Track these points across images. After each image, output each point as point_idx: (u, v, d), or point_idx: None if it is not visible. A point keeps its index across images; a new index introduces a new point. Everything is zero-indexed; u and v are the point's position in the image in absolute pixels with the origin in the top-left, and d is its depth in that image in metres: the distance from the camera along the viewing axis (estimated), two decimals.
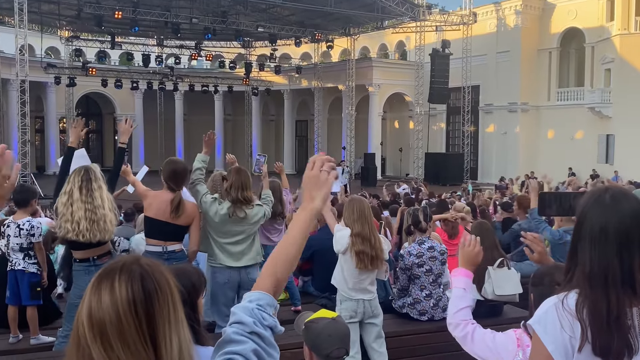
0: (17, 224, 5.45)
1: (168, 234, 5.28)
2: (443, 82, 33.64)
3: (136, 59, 38.22)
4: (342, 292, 5.07)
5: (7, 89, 32.24)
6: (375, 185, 32.27)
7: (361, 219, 4.94)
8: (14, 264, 5.49)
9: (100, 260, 4.83)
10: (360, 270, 4.91)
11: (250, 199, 5.37)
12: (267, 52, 39.45)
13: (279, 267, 1.71)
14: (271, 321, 1.57)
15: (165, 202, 5.25)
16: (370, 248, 4.88)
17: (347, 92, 38.46)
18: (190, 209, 5.35)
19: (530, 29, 34.90)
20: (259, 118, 45.66)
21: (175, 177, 5.33)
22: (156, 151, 43.60)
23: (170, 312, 1.34)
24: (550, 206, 2.99)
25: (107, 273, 1.35)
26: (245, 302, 1.61)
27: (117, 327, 1.28)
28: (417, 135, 36.25)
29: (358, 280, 4.97)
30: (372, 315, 5.05)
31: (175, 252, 5.29)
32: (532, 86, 35.18)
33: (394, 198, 14.49)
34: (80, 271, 4.86)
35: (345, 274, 5.01)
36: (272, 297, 1.64)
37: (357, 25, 37.59)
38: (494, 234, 6.09)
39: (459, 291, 2.80)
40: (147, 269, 1.36)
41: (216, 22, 31.70)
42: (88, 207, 4.58)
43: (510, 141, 35.40)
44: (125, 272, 1.33)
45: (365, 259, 4.87)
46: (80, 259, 4.85)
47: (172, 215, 5.21)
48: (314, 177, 1.82)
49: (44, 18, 32.37)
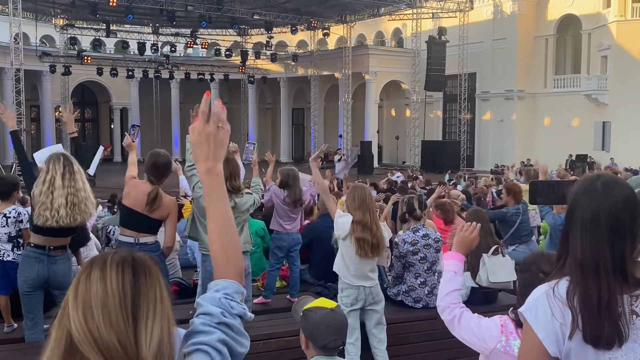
0: (3, 214, 5.39)
1: (141, 226, 5.20)
2: (439, 69, 33.57)
3: (132, 47, 37.99)
4: (344, 278, 5.08)
5: (2, 78, 32.09)
6: (372, 173, 32.24)
7: (362, 207, 4.94)
8: (2, 255, 5.44)
9: (55, 252, 4.75)
10: (361, 257, 4.92)
11: (238, 187, 5.28)
12: (263, 40, 39.28)
13: (226, 247, 1.65)
14: (239, 309, 1.54)
15: (143, 193, 5.16)
16: (371, 236, 4.89)
17: (343, 80, 38.38)
18: (167, 203, 5.26)
19: (526, 15, 34.81)
20: (255, 106, 45.57)
21: (155, 170, 5.23)
22: (152, 139, 43.50)
23: (157, 297, 1.34)
24: (542, 194, 2.98)
25: (99, 258, 1.37)
26: (212, 292, 1.57)
27: (102, 298, 1.29)
28: (414, 123, 36.21)
29: (359, 266, 4.98)
30: (374, 301, 5.07)
31: (147, 244, 5.19)
32: (528, 73, 35.14)
33: (391, 186, 14.48)
34: (31, 257, 4.73)
35: (346, 260, 5.02)
36: (237, 284, 1.60)
37: (353, 12, 37.41)
38: (488, 222, 6.09)
39: (449, 274, 2.82)
40: (137, 258, 1.37)
41: (212, 10, 31.51)
42: (70, 190, 4.51)
43: (507, 129, 35.41)
44: (116, 259, 1.35)
45: (366, 246, 4.88)
46: (35, 244, 4.76)
47: (147, 208, 5.13)
48: (211, 134, 1.65)
49: (38, 6, 32.12)
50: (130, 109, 43.60)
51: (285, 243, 6.48)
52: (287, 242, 6.47)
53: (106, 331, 1.26)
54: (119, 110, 44.38)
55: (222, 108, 1.67)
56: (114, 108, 44.42)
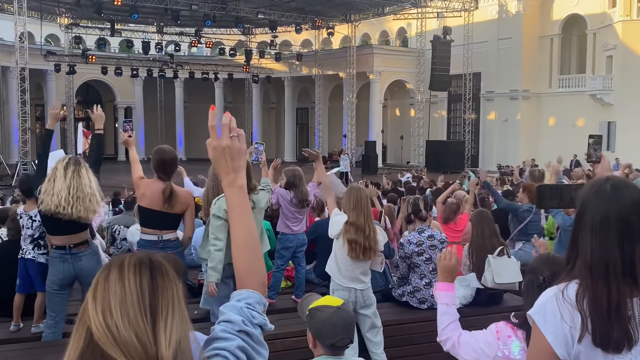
0: (29, 215, 5.44)
1: (163, 223, 5.27)
2: (444, 69, 33.53)
3: (136, 46, 38.09)
4: (335, 279, 5.07)
5: (7, 77, 32.19)
6: (376, 173, 32.22)
7: (357, 208, 4.90)
8: (24, 252, 5.50)
9: (77, 249, 4.81)
10: (352, 259, 4.89)
11: (255, 186, 5.32)
12: (268, 39, 39.29)
13: (249, 260, 1.68)
14: (260, 319, 1.57)
15: (157, 192, 5.20)
16: (363, 238, 4.84)
17: (347, 80, 38.36)
18: (183, 197, 5.34)
19: (531, 15, 34.73)
20: (260, 105, 45.59)
21: (164, 166, 5.28)
22: (156, 138, 43.48)
23: (174, 298, 1.36)
24: (550, 198, 2.96)
25: (117, 264, 1.38)
26: (234, 301, 1.60)
27: (120, 297, 1.31)
28: (418, 123, 36.18)
29: (351, 268, 4.95)
30: (365, 305, 5.03)
31: (170, 240, 5.28)
32: (533, 73, 35.07)
33: (394, 186, 14.47)
34: (55, 258, 4.83)
35: (339, 261, 5.00)
36: (260, 295, 1.63)
37: (357, 11, 37.38)
38: (493, 223, 6.09)
39: (442, 307, 2.86)
40: (155, 260, 1.39)
41: (216, 9, 31.53)
42: (74, 183, 4.58)
43: (512, 128, 35.35)
44: (135, 261, 1.37)
45: (358, 248, 4.84)
46: (56, 246, 4.83)
47: (165, 205, 5.18)
48: (227, 148, 1.67)
49: (43, 5, 32.21)
50: (135, 108, 43.66)
51: (292, 244, 6.47)
52: (293, 243, 6.47)
53: (124, 329, 1.28)
54: (123, 109, 44.46)
55: (230, 118, 1.68)
56: (118, 107, 44.50)
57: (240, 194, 1.69)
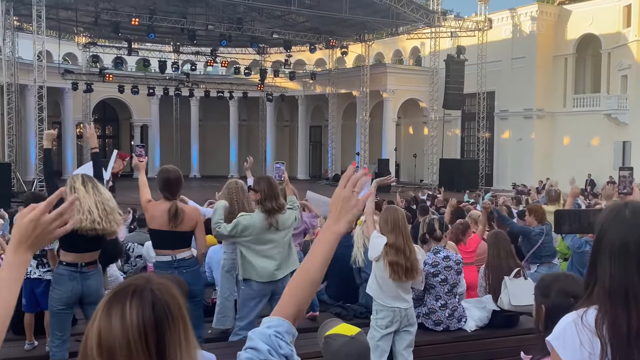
0: None
1: (174, 242, 5.29)
2: (458, 88, 33.52)
3: (153, 65, 38.46)
4: (378, 299, 5.02)
5: (25, 95, 32.58)
6: (389, 191, 32.07)
7: (395, 230, 4.88)
8: (29, 272, 5.49)
9: (87, 268, 4.82)
10: (394, 281, 4.87)
11: (282, 206, 5.37)
12: (282, 59, 39.56)
13: (300, 291, 1.68)
14: (287, 350, 1.55)
15: (164, 211, 5.24)
16: (405, 259, 4.83)
17: (361, 98, 38.47)
18: (190, 214, 5.35)
19: (545, 35, 34.73)
20: (274, 123, 45.78)
21: (169, 186, 5.32)
22: (172, 156, 43.81)
23: (181, 336, 1.34)
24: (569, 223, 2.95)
25: (118, 296, 1.34)
26: (264, 327, 1.59)
27: (127, 354, 1.28)
28: (432, 141, 36.14)
29: (393, 287, 4.93)
30: (409, 323, 5.00)
31: (184, 259, 5.29)
32: (547, 92, 35.00)
33: (408, 204, 14.41)
34: (64, 275, 4.81)
35: (380, 282, 4.96)
36: (291, 325, 1.61)
37: (371, 31, 37.60)
38: (509, 244, 6.05)
39: None
40: (157, 293, 1.35)
41: (232, 29, 31.86)
42: (97, 198, 4.63)
43: (526, 147, 35.20)
44: (137, 296, 1.33)
45: (400, 270, 4.83)
46: (67, 262, 4.84)
47: (171, 224, 5.21)
48: (344, 199, 1.74)
49: (61, 25, 32.69)
50: (151, 126, 44.02)
51: None
52: None
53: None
54: (139, 127, 44.84)
55: (368, 176, 1.77)
56: (134, 125, 44.89)
57: (332, 237, 1.73)
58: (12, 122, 26.94)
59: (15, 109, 27.44)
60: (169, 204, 5.26)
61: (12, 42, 29.10)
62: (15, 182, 26.55)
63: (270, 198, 5.27)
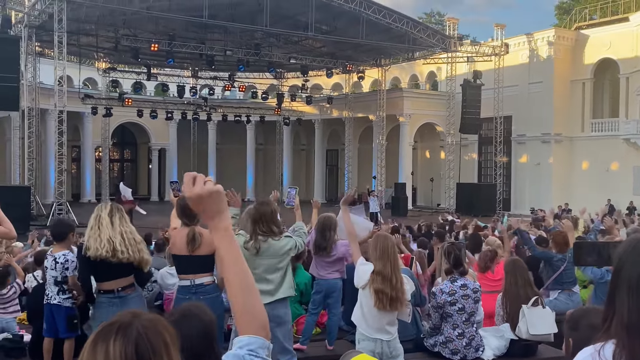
0: (54, 257, 5.54)
1: (191, 267, 5.33)
2: (475, 112, 33.50)
3: (171, 89, 38.94)
4: (361, 329, 4.97)
5: (45, 119, 33.07)
6: (406, 215, 32.07)
7: (383, 258, 4.82)
8: (49, 297, 5.56)
9: (125, 292, 4.89)
10: (379, 309, 4.80)
11: (271, 230, 5.23)
12: (299, 83, 39.87)
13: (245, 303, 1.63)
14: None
15: (182, 237, 5.33)
16: (390, 288, 4.75)
17: (377, 122, 38.57)
18: (208, 238, 5.32)
19: (563, 59, 34.69)
20: (290, 147, 45.98)
21: (185, 212, 5.38)
22: None
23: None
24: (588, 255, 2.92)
25: (104, 333, 1.35)
26: (236, 349, 1.56)
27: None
28: (449, 165, 36.06)
29: (377, 318, 4.85)
30: (391, 356, 4.91)
31: (204, 284, 5.30)
32: (565, 117, 34.85)
33: (428, 229, 14.33)
34: (104, 303, 4.93)
35: (365, 310, 4.91)
36: (262, 340, 1.58)
37: (388, 56, 37.82)
38: (527, 272, 6.00)
39: None
40: (142, 330, 1.34)
41: (249, 54, 32.22)
42: (124, 229, 4.73)
43: (544, 172, 34.98)
44: (121, 334, 1.33)
45: (384, 298, 4.75)
46: (104, 291, 4.90)
47: (189, 248, 5.27)
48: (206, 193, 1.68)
49: (82, 50, 33.22)
50: (169, 150, 44.41)
51: (321, 289, 6.45)
52: (322, 287, 6.44)
53: None
54: (157, 151, 45.25)
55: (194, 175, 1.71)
56: (152, 149, 45.31)
57: (225, 235, 1.67)
58: (32, 145, 27.31)
59: (36, 133, 27.83)
60: (187, 229, 5.35)
61: (33, 68, 29.62)
62: (34, 205, 26.82)
63: (254, 222, 5.20)
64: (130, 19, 29.18)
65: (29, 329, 6.60)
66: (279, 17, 28.78)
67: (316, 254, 6.40)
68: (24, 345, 6.22)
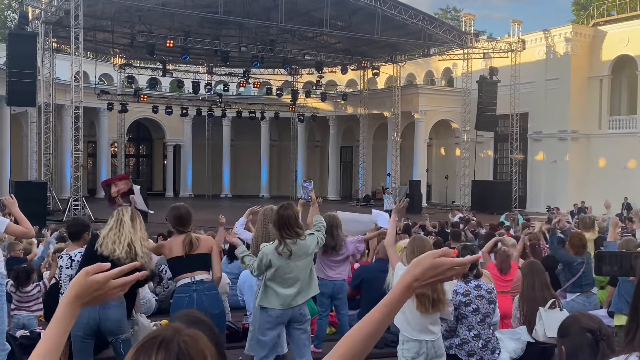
0: (69, 255, 5.56)
1: (192, 265, 5.35)
2: (490, 109, 33.29)
3: (186, 86, 39.09)
4: (405, 332, 4.91)
5: (62, 114, 33.32)
6: (420, 212, 31.89)
7: None
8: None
9: None
10: (422, 312, 4.76)
11: (296, 233, 5.33)
12: (314, 79, 39.84)
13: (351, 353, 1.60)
14: None
15: (179, 242, 5.38)
16: (431, 291, 4.69)
17: (392, 119, 38.45)
18: (204, 240, 5.50)
19: (580, 56, 34.34)
20: (305, 144, 46.00)
21: (181, 220, 5.46)
22: (204, 175, 44.32)
23: None
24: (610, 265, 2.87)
25: (146, 347, 1.36)
26: None
27: None
28: (464, 163, 35.88)
29: (420, 320, 4.81)
30: (436, 355, 4.87)
31: (203, 281, 5.32)
32: (582, 114, 34.51)
33: (441, 228, 14.24)
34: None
35: (407, 313, 4.83)
36: None
37: (403, 52, 37.66)
38: (544, 274, 5.93)
39: None
40: (183, 346, 1.35)
41: (264, 50, 32.23)
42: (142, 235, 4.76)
43: (560, 170, 34.69)
44: (163, 349, 1.34)
45: (427, 302, 4.70)
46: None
47: (185, 250, 5.32)
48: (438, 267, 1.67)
49: (98, 46, 33.44)
50: (183, 146, 44.60)
51: (327, 290, 6.42)
52: (329, 288, 6.42)
53: None
54: (172, 147, 45.46)
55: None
56: (167, 145, 45.51)
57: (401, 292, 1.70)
58: (49, 141, 27.52)
59: (52, 128, 28.04)
60: (183, 236, 5.40)
61: (50, 64, 29.84)
62: (51, 200, 27.04)
63: (280, 228, 5.29)
64: (145, 15, 29.31)
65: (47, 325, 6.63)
66: (294, 13, 28.76)
67: (324, 254, 6.36)
68: None
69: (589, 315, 2.55)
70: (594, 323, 2.48)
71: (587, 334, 2.44)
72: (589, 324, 2.48)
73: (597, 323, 2.43)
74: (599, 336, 2.40)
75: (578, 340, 2.46)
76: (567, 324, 2.60)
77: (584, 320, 2.53)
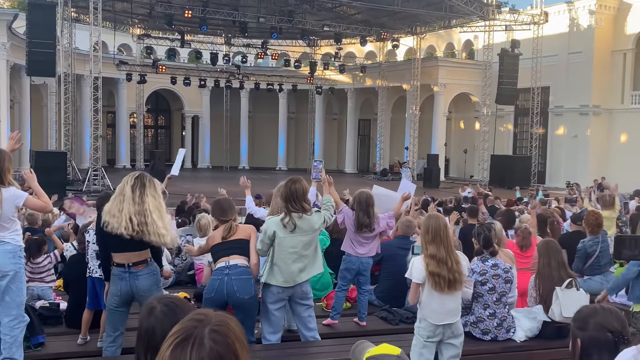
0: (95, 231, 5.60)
1: (227, 250, 5.45)
2: (512, 82, 32.83)
3: (204, 57, 38.96)
4: (428, 319, 4.79)
5: (81, 85, 33.45)
6: (438, 187, 31.85)
7: (436, 240, 4.68)
8: (92, 270, 5.68)
9: (135, 268, 4.90)
10: (438, 292, 4.66)
11: (302, 207, 5.38)
12: (332, 51, 39.50)
13: None
14: None
15: (221, 230, 5.64)
16: (447, 271, 4.63)
17: (411, 92, 38.12)
18: (244, 228, 5.68)
19: (604, 29, 33.64)
20: (322, 116, 45.83)
21: (222, 211, 5.68)
22: (221, 147, 44.45)
23: None
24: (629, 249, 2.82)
25: (180, 341, 1.43)
26: None
27: None
28: (483, 137, 35.56)
29: (440, 302, 4.71)
30: (453, 335, 4.80)
31: (237, 265, 5.36)
32: (604, 88, 33.92)
33: (458, 204, 14.14)
34: (115, 275, 4.96)
35: (431, 300, 4.75)
36: None
37: (423, 24, 37.13)
38: (561, 253, 5.89)
39: None
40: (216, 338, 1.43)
41: (283, 22, 31.97)
42: (138, 208, 4.70)
43: (581, 145, 34.26)
44: (197, 345, 1.41)
45: (442, 282, 4.63)
46: (116, 263, 4.94)
47: (223, 236, 5.49)
48: None
49: (117, 16, 33.39)
50: (202, 117, 44.67)
51: (354, 266, 6.42)
52: (355, 265, 6.41)
53: None
54: (190, 118, 45.56)
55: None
56: (186, 116, 45.61)
57: None
58: (68, 111, 27.67)
59: (72, 98, 28.18)
60: (225, 225, 5.60)
61: (69, 34, 29.87)
62: (70, 170, 27.31)
63: (287, 200, 5.37)
64: None
65: (65, 296, 6.75)
66: None
67: (357, 232, 6.36)
68: (60, 314, 6.37)
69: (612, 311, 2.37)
70: (618, 323, 2.31)
71: (607, 334, 2.30)
72: (612, 322, 2.32)
73: (620, 323, 2.27)
74: (620, 339, 2.23)
75: (596, 337, 2.31)
76: (586, 314, 2.43)
77: (607, 317, 2.36)
